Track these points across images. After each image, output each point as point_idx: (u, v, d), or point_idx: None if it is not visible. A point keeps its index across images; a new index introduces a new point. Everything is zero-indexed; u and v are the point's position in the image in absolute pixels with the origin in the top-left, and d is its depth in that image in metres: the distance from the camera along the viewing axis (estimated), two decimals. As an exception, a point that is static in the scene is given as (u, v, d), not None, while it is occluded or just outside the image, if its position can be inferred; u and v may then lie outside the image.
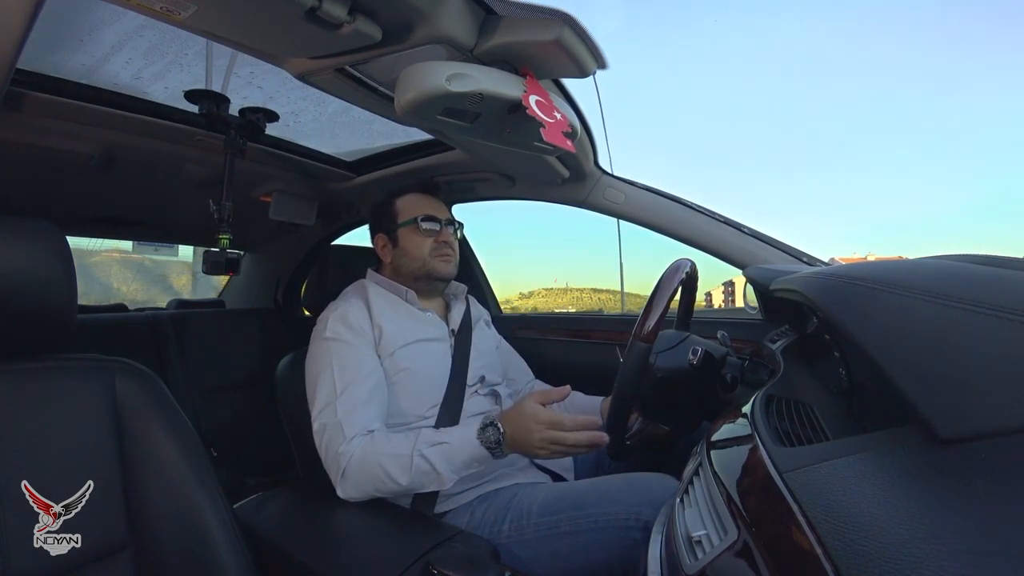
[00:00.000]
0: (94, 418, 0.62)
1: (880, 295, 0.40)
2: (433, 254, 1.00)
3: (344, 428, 0.80)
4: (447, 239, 1.02)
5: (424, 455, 0.76)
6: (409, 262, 1.01)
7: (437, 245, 1.01)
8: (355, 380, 0.85)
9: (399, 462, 0.76)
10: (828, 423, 0.47)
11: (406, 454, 0.76)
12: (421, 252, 1.00)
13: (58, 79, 0.93)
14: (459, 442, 0.77)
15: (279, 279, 2.02)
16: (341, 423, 0.80)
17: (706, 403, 0.83)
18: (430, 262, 1.00)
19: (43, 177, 1.19)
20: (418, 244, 1.00)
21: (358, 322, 0.91)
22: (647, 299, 0.74)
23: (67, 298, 0.61)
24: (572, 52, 0.66)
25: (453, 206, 1.61)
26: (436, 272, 1.01)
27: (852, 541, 0.27)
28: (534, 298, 12.56)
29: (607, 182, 1.25)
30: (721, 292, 10.88)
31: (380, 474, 0.76)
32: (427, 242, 1.00)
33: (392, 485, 0.76)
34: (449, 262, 1.02)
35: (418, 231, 1.01)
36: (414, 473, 0.75)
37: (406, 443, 0.78)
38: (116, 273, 3.93)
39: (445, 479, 0.75)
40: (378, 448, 0.78)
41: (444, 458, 0.76)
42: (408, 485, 0.76)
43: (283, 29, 0.64)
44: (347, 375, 0.85)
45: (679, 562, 0.44)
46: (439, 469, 0.75)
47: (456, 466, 0.76)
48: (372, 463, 0.77)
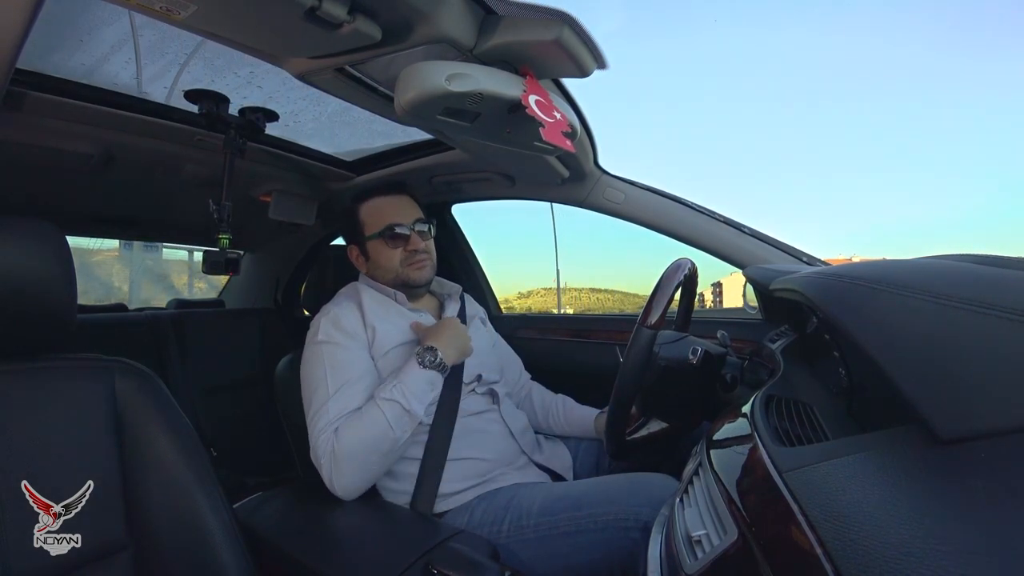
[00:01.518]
0: (94, 418, 0.62)
1: (880, 295, 0.40)
2: (405, 263, 0.98)
3: (330, 421, 0.81)
4: (416, 247, 0.98)
5: (389, 398, 0.81)
6: (383, 273, 1.00)
7: (408, 254, 0.98)
8: (348, 381, 0.85)
9: (373, 420, 0.80)
10: (828, 423, 0.47)
11: (374, 410, 0.81)
12: (392, 264, 0.98)
13: (58, 79, 0.93)
14: (409, 377, 0.84)
15: (279, 279, 2.02)
16: (335, 416, 0.81)
17: (706, 403, 0.83)
18: (403, 272, 0.98)
19: (43, 177, 1.19)
20: (388, 256, 0.98)
21: (350, 324, 0.91)
22: (647, 297, 0.75)
23: (67, 298, 0.61)
24: (572, 52, 0.66)
25: (453, 206, 1.61)
26: (411, 281, 0.99)
27: (852, 541, 0.27)
28: (533, 297, 12.60)
29: (607, 182, 1.25)
30: (711, 292, 10.86)
31: (366, 442, 0.79)
32: (396, 253, 0.98)
33: (386, 444, 0.80)
34: (423, 268, 1.00)
35: (386, 243, 0.98)
36: (390, 418, 0.80)
37: (369, 406, 0.82)
38: (114, 272, 3.91)
39: (415, 412, 0.82)
40: (351, 425, 0.80)
41: (406, 394, 0.82)
42: (395, 436, 0.80)
43: (283, 29, 0.64)
44: (340, 377, 0.85)
45: (679, 562, 0.44)
46: (407, 406, 0.81)
47: (419, 396, 0.83)
48: (354, 440, 0.79)
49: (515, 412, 1.04)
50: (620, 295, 6.66)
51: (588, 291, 12.08)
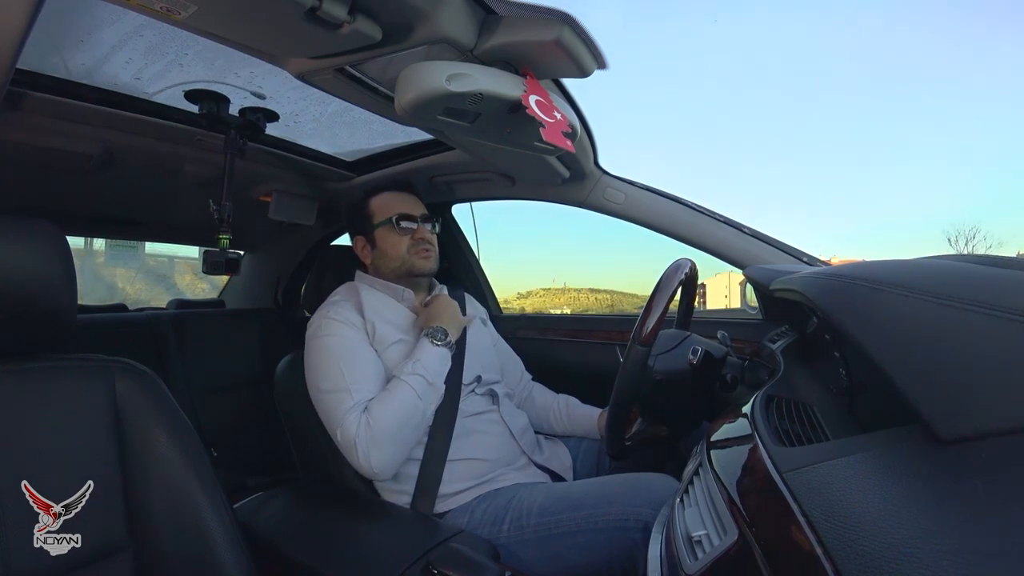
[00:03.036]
0: (94, 418, 0.62)
1: (880, 295, 0.40)
2: (411, 251, 1.01)
3: (359, 405, 0.84)
4: (424, 236, 1.03)
5: (413, 373, 0.87)
6: (388, 262, 1.02)
7: (415, 242, 1.02)
8: (361, 366, 0.88)
9: (403, 395, 0.84)
10: (828, 423, 0.47)
11: (402, 386, 0.85)
12: (399, 251, 1.01)
13: (58, 79, 0.92)
14: (424, 355, 0.89)
15: (279, 279, 2.02)
16: (355, 405, 0.84)
17: (706, 403, 0.83)
18: (409, 260, 1.01)
19: (43, 177, 1.19)
20: (395, 244, 1.01)
21: (350, 320, 0.92)
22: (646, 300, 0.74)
23: (67, 298, 0.61)
24: (572, 52, 0.66)
25: (453, 206, 1.61)
26: (416, 269, 1.02)
27: (852, 541, 0.27)
28: (532, 298, 12.55)
29: (607, 182, 1.25)
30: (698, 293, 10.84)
31: (400, 416, 0.83)
32: (404, 240, 1.01)
33: (417, 416, 0.85)
34: (429, 258, 1.03)
35: (394, 231, 1.01)
36: (419, 391, 0.85)
37: (395, 383, 0.86)
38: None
39: (437, 385, 0.89)
40: (382, 402, 0.84)
41: (428, 368, 0.88)
42: (424, 408, 0.86)
43: (283, 29, 0.64)
44: (352, 363, 0.87)
45: (679, 562, 0.44)
46: (430, 379, 0.87)
47: (438, 371, 0.90)
48: (389, 415, 0.82)
49: (515, 412, 1.04)
50: (620, 295, 6.61)
51: (587, 291, 12.04)
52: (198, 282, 2.94)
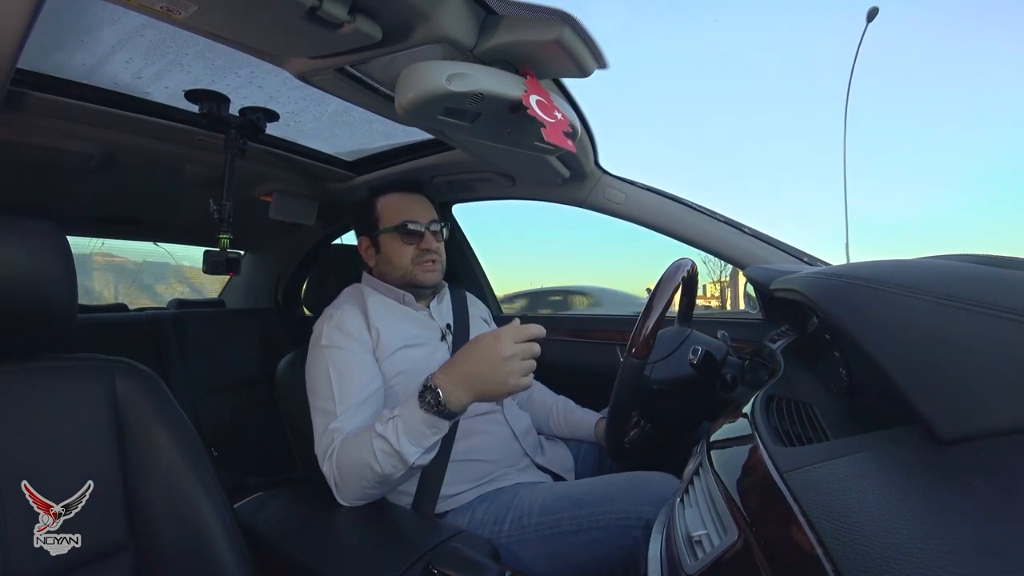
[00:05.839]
0: (94, 418, 0.62)
1: (881, 295, 0.40)
2: (415, 262, 0.97)
3: (335, 435, 0.79)
4: (429, 246, 0.98)
5: (382, 433, 0.72)
6: (392, 269, 0.99)
7: (419, 252, 0.97)
8: (352, 386, 0.83)
9: (364, 450, 0.73)
10: (828, 423, 0.47)
11: (365, 439, 0.74)
12: (403, 261, 0.97)
13: (58, 79, 0.93)
14: (407, 413, 0.72)
15: (279, 279, 2.02)
16: (338, 430, 0.79)
17: (706, 403, 0.83)
18: (412, 271, 0.97)
19: (43, 177, 1.19)
20: (400, 252, 0.97)
21: (354, 328, 0.90)
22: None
23: (67, 298, 0.61)
24: (573, 52, 0.66)
25: (453, 206, 1.61)
26: (418, 282, 0.98)
27: (852, 541, 0.27)
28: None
29: (607, 182, 1.25)
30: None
31: (357, 469, 0.74)
32: (409, 250, 0.97)
33: (372, 476, 0.73)
34: (433, 271, 0.99)
35: (399, 239, 0.97)
36: (378, 453, 0.71)
37: (364, 434, 0.75)
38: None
39: (405, 454, 0.70)
40: (346, 448, 0.76)
41: (399, 431, 0.71)
42: (382, 472, 0.72)
43: (283, 29, 0.64)
44: (345, 383, 0.84)
45: (679, 562, 0.44)
46: (396, 446, 0.71)
47: (414, 437, 0.71)
48: (347, 463, 0.75)
49: (518, 413, 1.04)
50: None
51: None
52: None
